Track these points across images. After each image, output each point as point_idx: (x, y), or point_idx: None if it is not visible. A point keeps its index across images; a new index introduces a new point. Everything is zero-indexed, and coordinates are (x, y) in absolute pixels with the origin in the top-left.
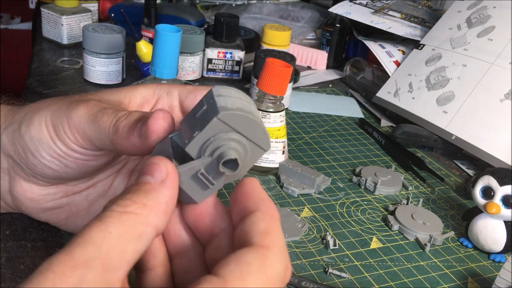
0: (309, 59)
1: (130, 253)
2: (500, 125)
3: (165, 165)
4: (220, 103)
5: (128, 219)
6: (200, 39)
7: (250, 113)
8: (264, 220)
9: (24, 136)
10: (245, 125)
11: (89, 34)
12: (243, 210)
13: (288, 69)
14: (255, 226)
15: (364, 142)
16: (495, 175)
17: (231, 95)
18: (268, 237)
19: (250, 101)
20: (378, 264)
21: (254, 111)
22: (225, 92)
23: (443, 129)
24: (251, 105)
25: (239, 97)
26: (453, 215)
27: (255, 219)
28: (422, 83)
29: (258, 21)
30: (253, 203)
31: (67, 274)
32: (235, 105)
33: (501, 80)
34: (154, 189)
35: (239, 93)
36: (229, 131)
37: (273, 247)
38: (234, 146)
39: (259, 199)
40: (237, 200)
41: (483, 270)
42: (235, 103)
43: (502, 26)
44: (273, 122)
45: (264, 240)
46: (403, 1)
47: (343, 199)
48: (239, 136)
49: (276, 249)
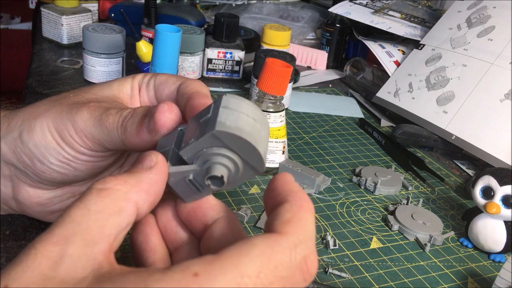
0: (309, 59)
1: (110, 228)
2: (500, 125)
3: (156, 156)
4: (220, 118)
5: (106, 195)
6: (200, 39)
7: (249, 133)
8: (290, 210)
9: (28, 143)
10: (239, 145)
11: (89, 34)
12: (273, 205)
13: (288, 69)
14: (279, 216)
15: (364, 142)
16: (495, 175)
17: (237, 109)
18: (288, 225)
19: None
20: (378, 264)
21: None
22: (233, 105)
23: (443, 129)
24: (256, 122)
25: (246, 113)
26: (453, 215)
27: (281, 210)
28: (422, 83)
29: (258, 21)
30: (283, 195)
31: (48, 249)
32: (235, 123)
33: (501, 80)
34: (139, 171)
35: (248, 107)
36: (223, 146)
37: (290, 234)
38: (224, 162)
39: (289, 191)
40: (269, 195)
41: (483, 270)
42: (237, 120)
43: (502, 26)
44: (273, 122)
45: (283, 228)
46: (403, 1)
47: (343, 199)
48: (232, 153)
49: (293, 237)
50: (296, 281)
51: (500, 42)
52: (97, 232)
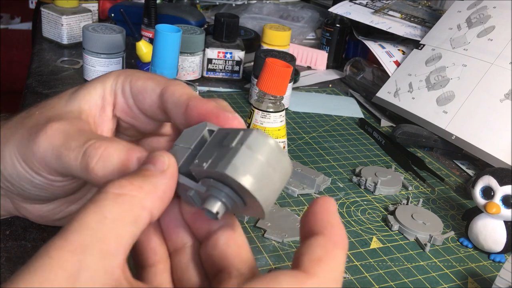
0: (309, 59)
1: (127, 238)
2: (500, 125)
3: (169, 158)
4: (237, 160)
5: (123, 201)
6: (200, 39)
7: (259, 189)
8: (323, 247)
9: (3, 172)
10: (244, 193)
11: (89, 34)
12: (309, 230)
13: (288, 69)
14: (311, 251)
15: (364, 142)
16: (495, 175)
17: (260, 153)
18: (319, 265)
19: (278, 167)
20: (378, 264)
21: (270, 183)
22: (257, 147)
23: (443, 129)
24: (275, 173)
25: (267, 160)
26: (453, 215)
27: (314, 244)
28: (422, 83)
29: (258, 21)
30: (320, 225)
31: (65, 258)
32: (249, 171)
33: (501, 80)
34: (153, 175)
35: (273, 152)
36: (229, 186)
37: (319, 275)
38: (224, 200)
39: (328, 222)
40: (307, 219)
41: (483, 270)
42: (252, 168)
43: (502, 26)
44: (273, 122)
45: (312, 268)
46: (403, 1)
47: (343, 199)
48: (235, 195)
49: (321, 278)
50: None
51: (500, 42)
52: (115, 242)
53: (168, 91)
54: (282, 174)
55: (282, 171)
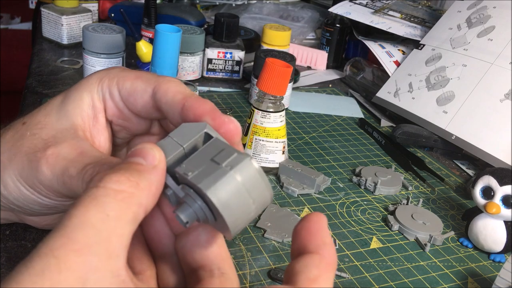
0: (309, 59)
1: (128, 237)
2: (500, 125)
3: (159, 153)
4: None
5: (123, 199)
6: (200, 39)
7: (232, 214)
8: (318, 267)
9: (9, 197)
10: (217, 214)
11: (89, 34)
12: (302, 247)
13: (288, 69)
14: (307, 270)
15: (364, 142)
16: (495, 175)
17: (244, 182)
18: (314, 284)
19: (258, 200)
20: (378, 264)
21: (244, 212)
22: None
23: (443, 129)
24: (252, 205)
25: (249, 190)
26: (453, 215)
27: (310, 263)
28: (422, 83)
29: (258, 21)
30: (314, 244)
31: (72, 259)
32: (228, 197)
33: (501, 80)
34: (147, 171)
35: (257, 184)
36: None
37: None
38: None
39: (322, 242)
40: (300, 234)
41: (483, 270)
42: (232, 195)
43: (502, 26)
44: (273, 122)
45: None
46: (403, 1)
47: (343, 199)
48: (209, 212)
49: None
50: None
51: (500, 42)
52: (118, 242)
53: (161, 90)
54: (260, 203)
55: (260, 200)
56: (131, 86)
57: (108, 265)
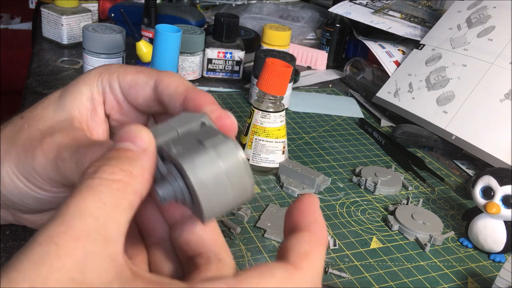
0: (309, 59)
1: (125, 224)
2: (500, 125)
3: (147, 134)
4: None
5: (119, 188)
6: (200, 39)
7: (207, 195)
8: (309, 242)
9: (4, 192)
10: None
11: (89, 34)
12: (294, 225)
13: (288, 69)
14: (298, 246)
15: (364, 142)
16: (495, 175)
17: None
18: (305, 259)
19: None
20: (378, 264)
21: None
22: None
23: (443, 129)
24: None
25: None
26: (453, 215)
27: (301, 239)
28: (422, 83)
29: (258, 21)
30: (305, 222)
31: (71, 245)
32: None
33: (501, 80)
34: (138, 157)
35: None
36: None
37: (305, 269)
38: (175, 189)
39: (313, 220)
40: (292, 214)
41: (483, 270)
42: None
43: (502, 26)
44: (273, 122)
45: (300, 261)
46: (403, 1)
47: (343, 199)
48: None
49: (307, 271)
50: None
51: (500, 42)
52: (115, 229)
53: (163, 83)
54: (239, 191)
55: (240, 188)
56: (133, 79)
57: (106, 250)
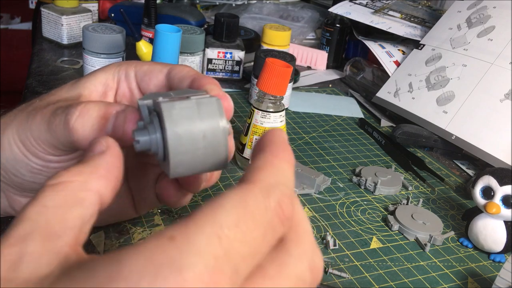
0: (309, 59)
1: (73, 220)
2: (500, 125)
3: (106, 140)
4: (178, 114)
5: (62, 188)
6: (200, 39)
7: (176, 146)
8: (263, 158)
9: (1, 156)
10: (165, 143)
11: (89, 34)
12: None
13: (288, 69)
14: (252, 164)
15: (364, 142)
16: (495, 175)
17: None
18: (259, 172)
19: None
20: (378, 264)
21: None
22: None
23: (443, 129)
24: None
25: (204, 129)
26: (453, 215)
27: (255, 159)
28: (422, 83)
29: (258, 21)
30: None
31: (5, 252)
32: (180, 129)
33: (501, 80)
34: (92, 158)
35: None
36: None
37: (261, 180)
38: (152, 139)
39: (271, 142)
40: (254, 149)
41: (483, 270)
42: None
43: (502, 26)
44: (273, 122)
45: (254, 176)
46: (403, 1)
47: (343, 199)
48: (162, 146)
49: (265, 183)
50: (274, 226)
51: (500, 42)
52: (59, 226)
53: (176, 69)
54: (212, 155)
55: (213, 151)
56: (149, 67)
57: (46, 246)
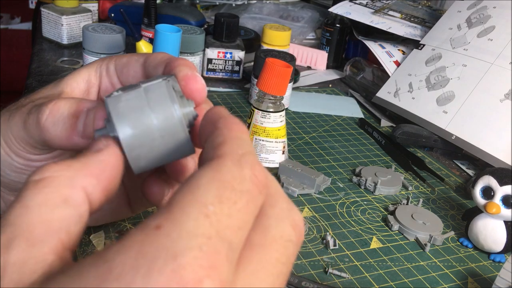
0: (309, 59)
1: (58, 221)
2: (500, 125)
3: (106, 140)
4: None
5: (46, 185)
6: (200, 39)
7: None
8: (221, 134)
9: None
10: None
11: (89, 34)
12: (205, 137)
13: (288, 69)
14: (212, 143)
15: (364, 142)
16: (495, 175)
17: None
18: (224, 146)
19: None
20: (378, 264)
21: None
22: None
23: (443, 129)
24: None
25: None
26: (453, 215)
27: (212, 138)
28: (422, 83)
29: (258, 21)
30: (211, 125)
31: None
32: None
33: (501, 80)
34: (85, 155)
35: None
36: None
37: (229, 153)
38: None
39: (220, 118)
40: (201, 132)
41: (483, 270)
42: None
43: (502, 26)
44: (273, 122)
45: (220, 151)
46: (403, 1)
47: (343, 199)
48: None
49: (233, 154)
50: (253, 195)
51: (500, 42)
52: (42, 228)
53: (151, 56)
54: (171, 139)
55: (171, 137)
56: (127, 59)
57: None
